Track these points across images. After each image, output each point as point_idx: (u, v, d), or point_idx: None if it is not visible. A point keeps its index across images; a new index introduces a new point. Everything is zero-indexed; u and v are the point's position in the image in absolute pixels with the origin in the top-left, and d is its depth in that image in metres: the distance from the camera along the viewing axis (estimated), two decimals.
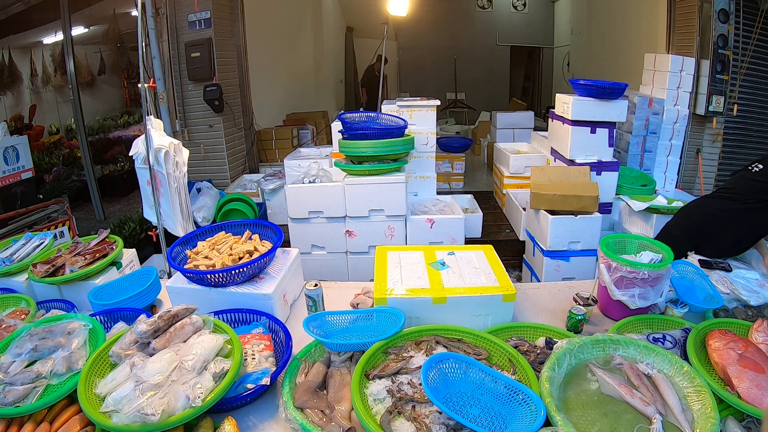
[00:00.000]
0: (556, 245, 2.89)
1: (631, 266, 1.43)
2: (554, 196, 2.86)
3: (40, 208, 3.40)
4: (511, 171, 3.93)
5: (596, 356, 1.20)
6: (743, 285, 1.60)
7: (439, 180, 3.89)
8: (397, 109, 3.28)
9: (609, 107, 3.03)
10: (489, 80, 9.10)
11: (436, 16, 8.65)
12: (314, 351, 1.32)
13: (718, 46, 3.60)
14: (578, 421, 1.02)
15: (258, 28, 4.87)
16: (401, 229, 2.99)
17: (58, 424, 1.09)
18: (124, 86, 6.52)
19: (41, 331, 1.28)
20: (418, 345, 1.27)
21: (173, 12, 3.91)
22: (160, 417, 0.97)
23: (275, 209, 3.83)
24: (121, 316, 1.50)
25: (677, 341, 1.28)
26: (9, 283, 1.76)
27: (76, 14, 4.88)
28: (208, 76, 3.97)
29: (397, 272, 1.54)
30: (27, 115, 5.78)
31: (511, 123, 5.37)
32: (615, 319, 1.52)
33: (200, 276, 1.49)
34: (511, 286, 1.43)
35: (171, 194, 2.24)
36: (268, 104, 5.34)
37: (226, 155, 4.30)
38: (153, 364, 1.08)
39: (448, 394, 1.09)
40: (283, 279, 1.59)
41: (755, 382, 1.08)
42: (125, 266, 1.88)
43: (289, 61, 6.23)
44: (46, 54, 5.76)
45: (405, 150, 2.94)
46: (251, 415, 1.16)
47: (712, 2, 3.55)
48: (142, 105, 2.19)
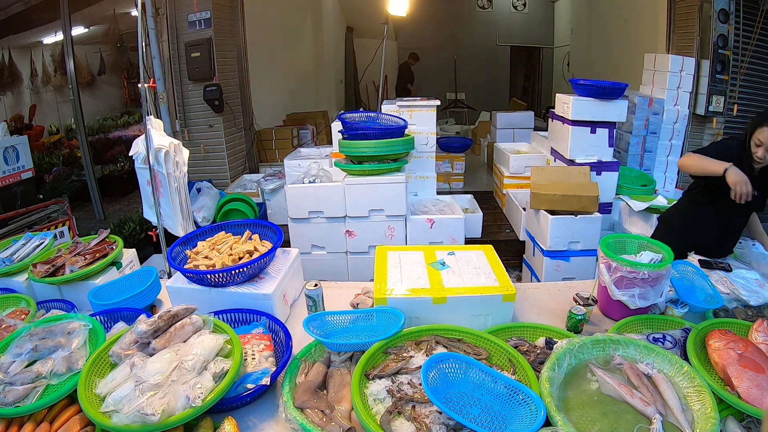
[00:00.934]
0: (556, 245, 2.89)
1: (631, 266, 1.43)
2: (554, 196, 2.86)
3: (40, 208, 3.40)
4: (511, 171, 3.93)
5: (596, 356, 1.20)
6: (743, 285, 1.60)
7: (439, 180, 3.89)
8: (397, 109, 3.28)
9: (609, 107, 3.03)
10: (489, 80, 9.11)
11: (436, 16, 8.65)
12: (314, 351, 1.32)
13: (718, 46, 3.60)
14: (578, 421, 1.02)
15: (258, 28, 4.87)
16: (401, 229, 2.99)
17: (58, 424, 1.09)
18: (124, 86, 6.53)
19: (41, 331, 1.28)
20: (418, 345, 1.27)
21: (173, 12, 3.91)
22: (160, 417, 0.97)
23: (275, 209, 3.83)
24: (121, 316, 1.50)
25: (677, 341, 1.28)
26: (9, 283, 1.76)
27: (76, 14, 4.88)
28: (208, 76, 3.98)
29: (397, 272, 1.54)
30: (27, 115, 5.78)
31: (511, 123, 5.37)
32: (615, 319, 1.51)
33: (200, 276, 1.49)
34: (511, 286, 1.43)
35: (171, 194, 2.24)
36: (268, 104, 5.34)
37: (226, 155, 4.30)
38: (153, 364, 1.08)
39: (448, 394, 1.09)
40: (283, 279, 1.59)
41: (755, 382, 1.08)
42: (125, 266, 1.88)
43: (289, 61, 6.23)
44: (46, 54, 5.77)
45: (405, 150, 2.94)
46: (251, 415, 1.16)
47: (712, 2, 3.55)
48: (142, 105, 2.19)
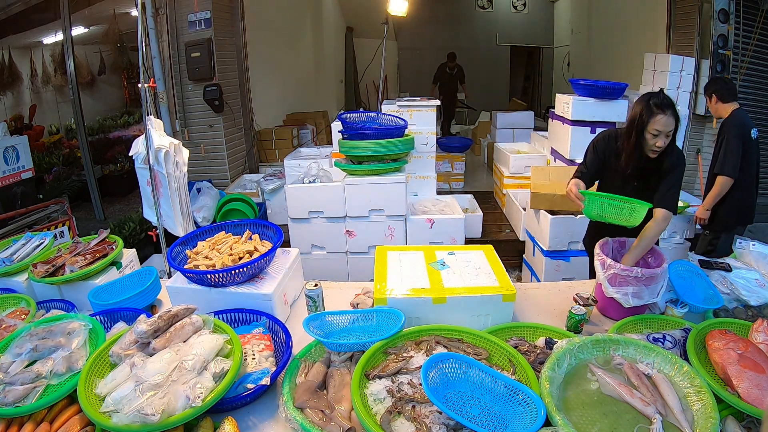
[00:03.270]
0: (556, 245, 2.89)
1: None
2: (554, 196, 2.86)
3: (40, 208, 3.40)
4: (511, 171, 3.93)
5: (596, 356, 1.20)
6: (743, 285, 1.59)
7: (439, 180, 3.89)
8: (397, 109, 3.28)
9: (609, 107, 3.03)
10: (489, 80, 9.10)
11: (436, 16, 8.66)
12: (314, 351, 1.32)
13: (718, 46, 3.60)
14: (578, 421, 1.02)
15: (258, 28, 4.87)
16: (401, 229, 2.99)
17: (58, 424, 1.09)
18: (124, 86, 6.52)
19: (41, 331, 1.28)
20: (418, 345, 1.27)
21: (173, 12, 3.91)
22: (160, 417, 0.97)
23: (275, 209, 3.83)
24: (121, 316, 1.50)
25: (677, 341, 1.28)
26: (9, 283, 1.76)
27: (76, 14, 4.88)
28: (208, 76, 3.98)
29: (397, 272, 1.54)
30: (27, 115, 5.78)
31: (511, 123, 5.37)
32: (615, 319, 1.52)
33: (200, 276, 1.49)
34: (511, 286, 1.43)
35: (171, 194, 2.24)
36: (268, 104, 5.34)
37: (226, 155, 4.30)
38: (153, 364, 1.08)
39: (448, 394, 1.09)
40: (283, 279, 1.59)
41: (755, 382, 1.08)
42: (125, 266, 1.88)
43: (289, 61, 6.23)
44: (46, 54, 5.76)
45: (405, 150, 2.94)
46: (251, 415, 1.16)
47: (712, 2, 3.55)
48: (142, 105, 2.19)
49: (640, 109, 1.62)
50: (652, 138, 1.61)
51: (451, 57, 6.94)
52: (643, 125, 1.61)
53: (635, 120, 1.63)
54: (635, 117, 1.63)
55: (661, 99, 1.59)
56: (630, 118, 1.68)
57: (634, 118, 1.63)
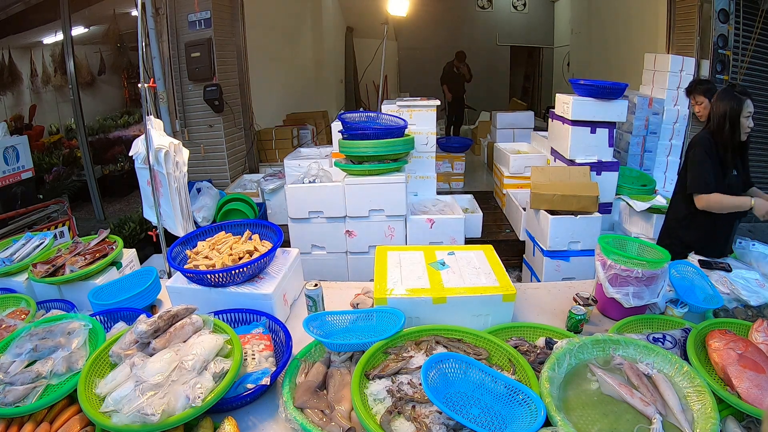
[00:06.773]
0: (556, 245, 2.89)
1: (624, 260, 1.44)
2: (554, 196, 2.86)
3: (40, 208, 3.40)
4: (511, 171, 3.93)
5: (596, 356, 1.20)
6: (743, 285, 1.59)
7: (439, 180, 3.89)
8: (397, 109, 3.28)
9: (609, 107, 3.03)
10: (489, 80, 9.10)
11: (436, 16, 8.65)
12: (314, 351, 1.32)
13: (718, 46, 3.60)
14: (578, 421, 1.02)
15: (258, 28, 4.87)
16: (401, 229, 2.99)
17: (58, 424, 1.09)
18: (124, 86, 6.53)
19: (41, 331, 1.28)
20: (418, 345, 1.27)
21: (173, 12, 3.91)
22: (160, 417, 0.97)
23: (275, 209, 3.83)
24: (121, 316, 1.50)
25: (677, 341, 1.28)
26: (9, 283, 1.76)
27: (76, 14, 4.89)
28: (208, 76, 3.98)
29: (397, 272, 1.54)
30: (27, 115, 5.79)
31: (511, 123, 5.37)
32: (615, 319, 1.52)
33: (200, 276, 1.49)
34: (511, 286, 1.43)
35: (171, 194, 2.24)
36: (268, 104, 5.34)
37: (226, 155, 4.30)
38: (153, 364, 1.08)
39: (448, 394, 1.09)
40: (283, 279, 1.59)
41: (755, 382, 1.08)
42: (125, 266, 1.88)
43: (289, 61, 6.23)
44: (46, 54, 5.77)
45: (405, 150, 2.94)
46: (251, 415, 1.16)
47: (712, 2, 3.55)
48: (142, 105, 2.19)
49: (730, 101, 1.85)
50: (746, 120, 1.84)
51: (460, 56, 6.74)
52: (738, 112, 1.84)
53: (728, 112, 1.85)
54: (727, 110, 1.85)
55: (740, 87, 1.89)
56: (721, 114, 1.88)
57: (726, 110, 1.86)
